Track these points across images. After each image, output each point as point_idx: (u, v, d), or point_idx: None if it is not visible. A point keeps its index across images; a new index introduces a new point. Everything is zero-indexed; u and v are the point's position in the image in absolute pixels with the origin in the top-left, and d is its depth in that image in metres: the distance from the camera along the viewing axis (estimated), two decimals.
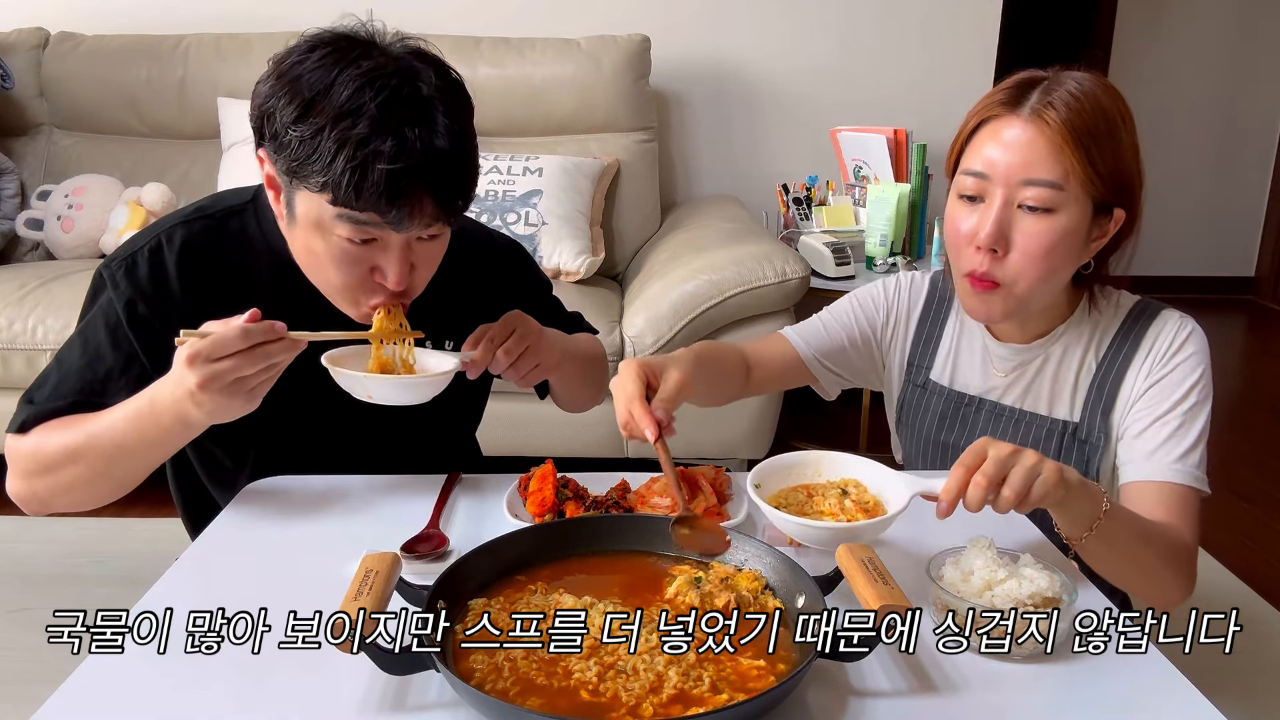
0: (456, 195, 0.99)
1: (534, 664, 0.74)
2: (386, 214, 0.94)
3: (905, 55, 3.20)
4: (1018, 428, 1.19)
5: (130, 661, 0.79)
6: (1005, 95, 1.07)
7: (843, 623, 0.75)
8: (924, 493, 0.91)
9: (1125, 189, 1.06)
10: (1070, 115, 1.02)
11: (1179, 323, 1.13)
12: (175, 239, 1.10)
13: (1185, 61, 4.87)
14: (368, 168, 0.91)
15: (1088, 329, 1.16)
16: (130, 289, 1.09)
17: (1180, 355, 1.11)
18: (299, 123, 0.93)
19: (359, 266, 1.00)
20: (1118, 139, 1.04)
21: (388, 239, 0.99)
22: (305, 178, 0.94)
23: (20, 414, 1.09)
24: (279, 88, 0.95)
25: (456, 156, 0.97)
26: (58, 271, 2.47)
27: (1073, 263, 1.09)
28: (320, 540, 1.01)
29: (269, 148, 0.98)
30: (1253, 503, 1.07)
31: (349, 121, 0.91)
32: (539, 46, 2.90)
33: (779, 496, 0.99)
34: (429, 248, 1.03)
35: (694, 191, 3.31)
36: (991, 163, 1.05)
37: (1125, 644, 0.83)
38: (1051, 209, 1.04)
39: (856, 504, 0.97)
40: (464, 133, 0.99)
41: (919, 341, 1.28)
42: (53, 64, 2.93)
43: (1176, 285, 4.93)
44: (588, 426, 2.31)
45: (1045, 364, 1.18)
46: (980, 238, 1.06)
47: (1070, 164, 1.02)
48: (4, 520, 2.36)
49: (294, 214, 1.00)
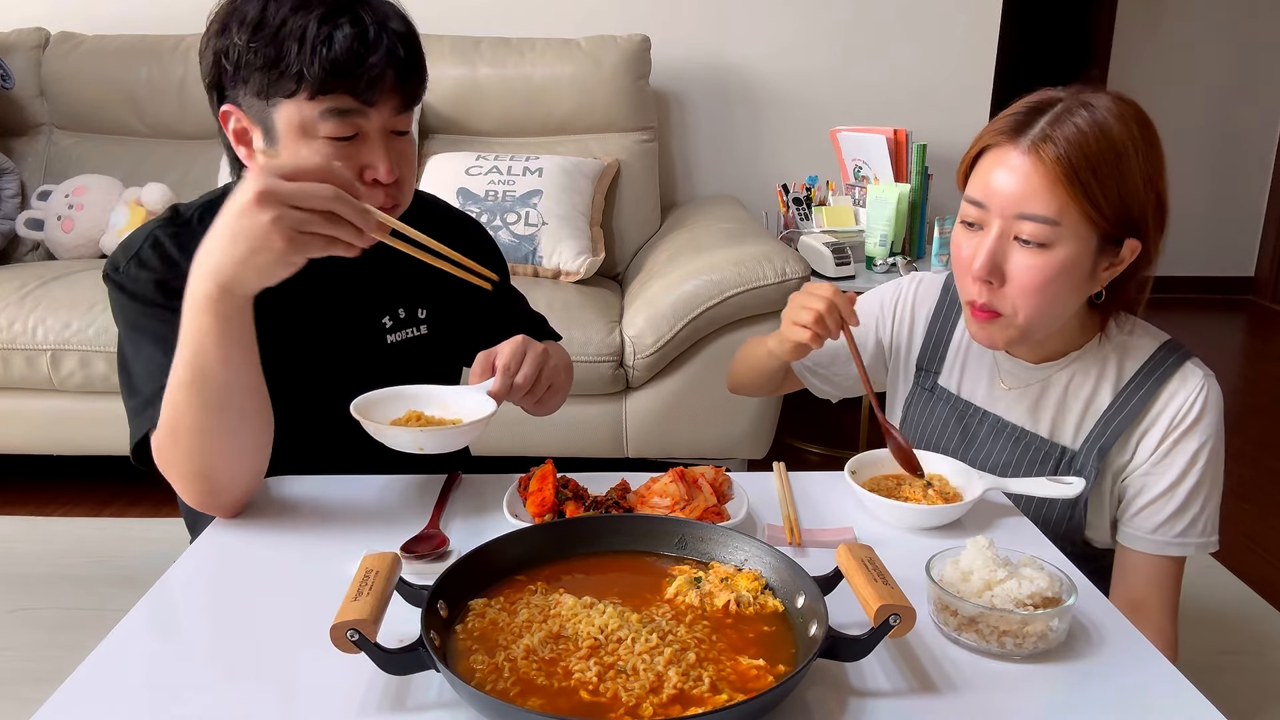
0: (415, 71, 1.07)
1: (534, 664, 0.74)
2: (358, 87, 1.00)
3: (905, 55, 3.20)
4: (1017, 446, 1.18)
5: (129, 662, 0.79)
6: (1010, 122, 1.04)
7: (843, 622, 0.75)
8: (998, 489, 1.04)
9: (1135, 221, 1.03)
10: (1070, 150, 0.99)
11: (1200, 384, 1.09)
12: (166, 231, 1.13)
13: (1185, 61, 4.87)
14: (331, 43, 0.98)
15: (1104, 360, 1.14)
16: (150, 272, 1.10)
17: (1194, 430, 1.09)
18: (257, 33, 0.99)
19: (349, 168, 1.04)
20: (1126, 171, 1.00)
21: (367, 129, 1.04)
22: (277, 83, 1.00)
23: (148, 414, 1.03)
24: (228, 23, 1.01)
25: (411, 37, 1.06)
26: (58, 271, 2.47)
27: (1077, 295, 1.07)
28: (320, 540, 1.01)
29: (233, 90, 1.03)
30: (1253, 503, 1.07)
31: (304, 14, 0.99)
32: (539, 46, 2.90)
33: (871, 483, 1.10)
34: (403, 146, 1.09)
35: (694, 191, 3.32)
36: (989, 193, 1.04)
37: (1125, 644, 0.83)
38: (1047, 244, 1.02)
39: (938, 493, 1.07)
40: (408, 20, 1.07)
41: (928, 345, 1.27)
42: (53, 64, 2.93)
43: (1176, 285, 4.94)
44: (588, 426, 2.32)
45: (1053, 388, 1.16)
46: (975, 268, 1.05)
47: (1066, 200, 1.00)
48: (4, 520, 2.36)
49: (275, 138, 1.04)
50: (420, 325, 1.27)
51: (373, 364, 1.20)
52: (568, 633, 0.77)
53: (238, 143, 1.08)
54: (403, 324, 1.26)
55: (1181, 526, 1.10)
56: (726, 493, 1.09)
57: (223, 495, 1.03)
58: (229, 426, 0.99)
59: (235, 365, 0.96)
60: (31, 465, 2.58)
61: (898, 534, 1.03)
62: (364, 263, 1.19)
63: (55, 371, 2.26)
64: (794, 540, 1.00)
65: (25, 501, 2.49)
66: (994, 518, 1.07)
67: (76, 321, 2.24)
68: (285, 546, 1.00)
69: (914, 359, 1.28)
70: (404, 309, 1.26)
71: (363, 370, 1.12)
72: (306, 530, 1.03)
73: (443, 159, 2.76)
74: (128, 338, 1.11)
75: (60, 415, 2.34)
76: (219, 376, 0.96)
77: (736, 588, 0.84)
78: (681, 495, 1.03)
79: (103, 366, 2.25)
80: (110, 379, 2.26)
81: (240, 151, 1.08)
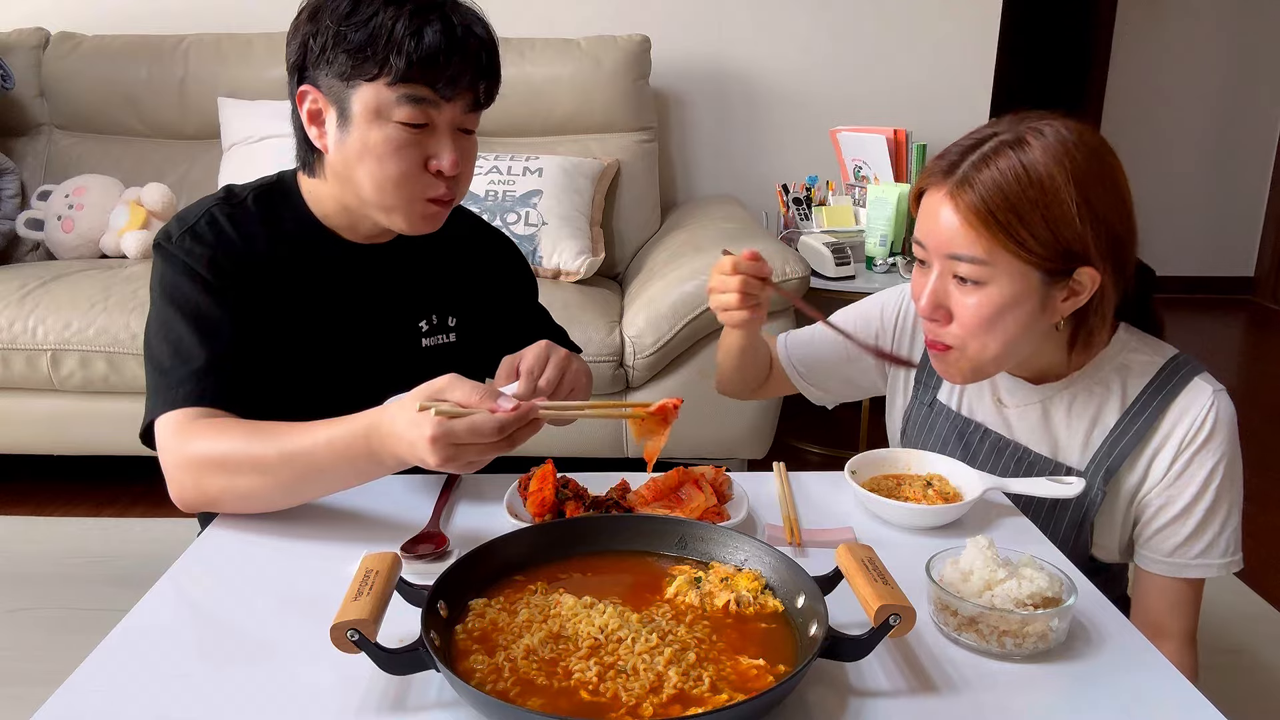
0: (493, 76, 1.12)
1: (534, 664, 0.74)
2: (437, 81, 1.05)
3: (905, 55, 3.20)
4: (1020, 464, 1.16)
5: (130, 661, 0.79)
6: (942, 165, 1.04)
7: (842, 622, 0.75)
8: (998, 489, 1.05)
9: (1077, 253, 1.00)
10: (987, 193, 0.99)
11: (1209, 401, 1.07)
12: (223, 210, 1.15)
13: (1185, 61, 4.87)
14: (420, 37, 1.03)
15: (1108, 380, 1.11)
16: (205, 247, 1.11)
17: (1207, 449, 1.07)
18: (349, 19, 1.03)
19: (415, 152, 1.08)
20: (1054, 206, 0.98)
21: (438, 121, 1.08)
22: (361, 67, 1.04)
23: (165, 396, 1.05)
24: (320, 10, 1.06)
25: (493, 44, 1.12)
26: (58, 271, 2.47)
27: (1030, 326, 1.04)
28: (320, 540, 1.01)
29: (314, 72, 1.07)
30: (1253, 503, 1.07)
31: (395, 8, 1.03)
32: (539, 46, 2.90)
33: (871, 483, 1.11)
34: (468, 144, 1.13)
35: (694, 191, 3.32)
36: (925, 234, 1.06)
37: (1125, 644, 0.83)
38: (982, 281, 1.02)
39: (938, 493, 1.08)
40: (491, 28, 1.13)
41: (927, 358, 1.25)
42: (53, 64, 2.93)
43: (1176, 285, 4.94)
44: (588, 426, 2.32)
45: (1055, 408, 1.14)
46: (920, 305, 1.07)
47: (990, 241, 1.00)
48: (4, 520, 2.36)
49: (349, 119, 1.07)
50: (450, 333, 1.28)
51: (407, 366, 1.20)
52: (568, 633, 0.77)
53: (310, 122, 1.10)
54: (435, 330, 1.27)
55: (1200, 547, 1.08)
56: (726, 493, 1.09)
57: (209, 508, 1.06)
58: (281, 498, 1.04)
59: (331, 480, 1.02)
60: (31, 465, 2.58)
61: (898, 534, 1.03)
62: (402, 266, 1.21)
63: (55, 371, 2.26)
64: (794, 540, 1.00)
65: (25, 501, 2.49)
66: (994, 518, 1.07)
67: (76, 321, 2.24)
68: (285, 546, 1.00)
69: (913, 372, 1.28)
70: (436, 315, 1.27)
71: (397, 372, 1.12)
72: (306, 530, 1.03)
73: None
74: (163, 312, 1.11)
75: (60, 415, 2.34)
76: (313, 480, 1.01)
77: (736, 588, 0.84)
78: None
79: (103, 367, 2.25)
80: (110, 379, 2.26)
81: (312, 132, 1.11)
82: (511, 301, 1.38)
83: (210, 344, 1.07)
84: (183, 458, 1.02)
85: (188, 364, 1.06)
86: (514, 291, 1.40)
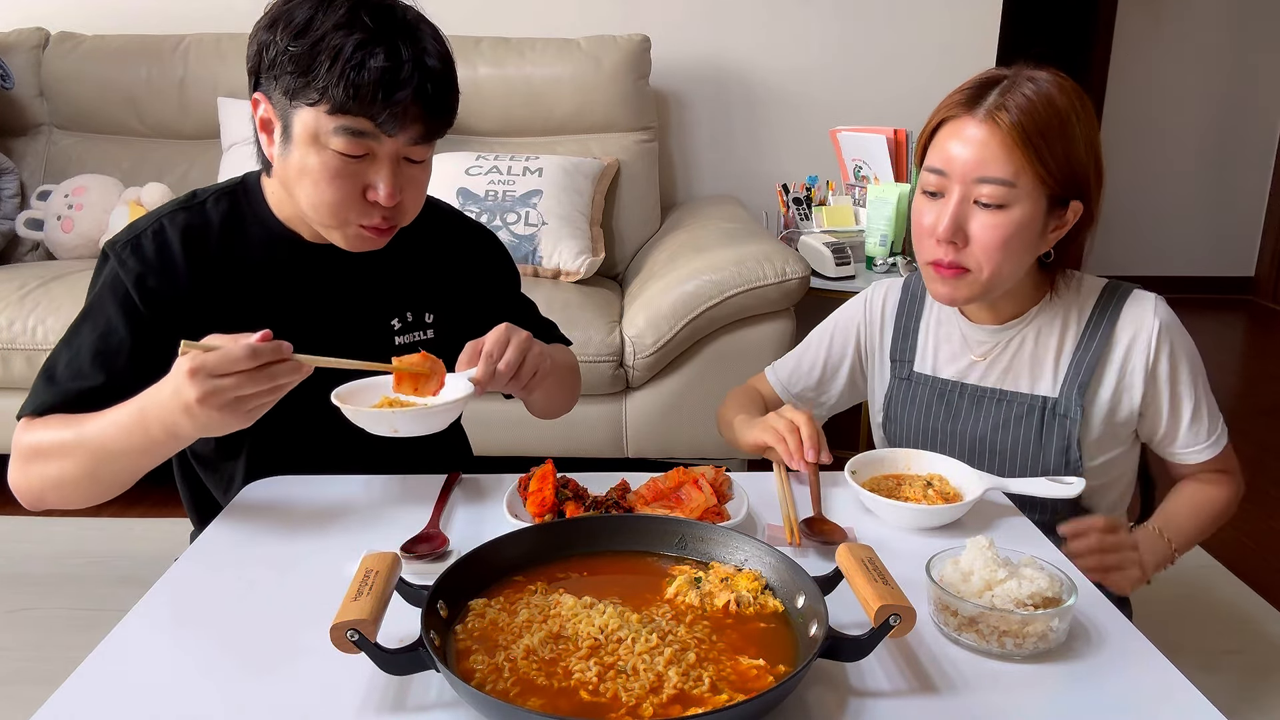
0: (443, 111, 1.07)
1: (534, 664, 0.74)
2: (378, 116, 1.01)
3: (905, 55, 3.20)
4: (999, 407, 1.24)
5: (130, 661, 0.80)
6: (964, 96, 1.13)
7: (842, 622, 0.75)
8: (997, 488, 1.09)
9: (1079, 183, 1.12)
10: (1022, 116, 1.08)
11: (1153, 303, 1.20)
12: (177, 220, 1.15)
13: (1185, 61, 4.87)
14: (363, 68, 0.99)
15: (1061, 310, 1.23)
16: (138, 264, 1.12)
17: (1166, 335, 1.19)
18: (298, 39, 1.00)
19: (352, 182, 1.06)
20: (1070, 137, 1.10)
21: (379, 152, 1.05)
22: (303, 90, 1.01)
23: (39, 395, 1.09)
24: (276, 20, 1.03)
25: (444, 75, 1.06)
26: (58, 271, 2.46)
27: (1030, 252, 1.15)
28: (320, 540, 1.01)
29: (266, 82, 1.05)
30: (1253, 503, 1.08)
31: (344, 33, 1.00)
32: (539, 46, 2.90)
33: (871, 483, 1.12)
34: (415, 172, 1.10)
35: (694, 191, 3.31)
36: (949, 161, 1.13)
37: (1125, 644, 0.83)
38: (1004, 204, 1.10)
39: (938, 493, 1.09)
40: (448, 57, 1.07)
41: (899, 338, 1.34)
42: (53, 64, 2.93)
43: (1176, 285, 4.94)
44: (588, 426, 2.32)
45: (1023, 344, 1.24)
46: (939, 231, 1.13)
47: (1021, 162, 1.09)
48: (4, 520, 2.36)
49: (290, 137, 1.05)
50: (427, 329, 1.28)
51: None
52: (568, 633, 0.77)
53: (261, 129, 1.10)
54: (410, 327, 1.27)
55: (1208, 425, 1.23)
56: (726, 493, 1.09)
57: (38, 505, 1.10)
58: (86, 485, 1.06)
59: (121, 460, 1.03)
60: None
61: (898, 534, 1.03)
62: (375, 265, 1.20)
63: None
64: (794, 540, 1.00)
65: None
66: (994, 518, 1.07)
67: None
68: (285, 546, 1.00)
69: (888, 353, 1.35)
70: (411, 312, 1.26)
71: (369, 372, 1.12)
72: (306, 530, 1.03)
73: (443, 159, 2.75)
74: (81, 318, 1.14)
75: None
76: (107, 460, 1.03)
77: (736, 588, 0.84)
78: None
79: None
80: None
81: (263, 139, 1.10)
82: (492, 294, 1.36)
83: (105, 369, 1.09)
84: (17, 452, 1.07)
85: (76, 381, 1.08)
86: (494, 284, 1.38)
